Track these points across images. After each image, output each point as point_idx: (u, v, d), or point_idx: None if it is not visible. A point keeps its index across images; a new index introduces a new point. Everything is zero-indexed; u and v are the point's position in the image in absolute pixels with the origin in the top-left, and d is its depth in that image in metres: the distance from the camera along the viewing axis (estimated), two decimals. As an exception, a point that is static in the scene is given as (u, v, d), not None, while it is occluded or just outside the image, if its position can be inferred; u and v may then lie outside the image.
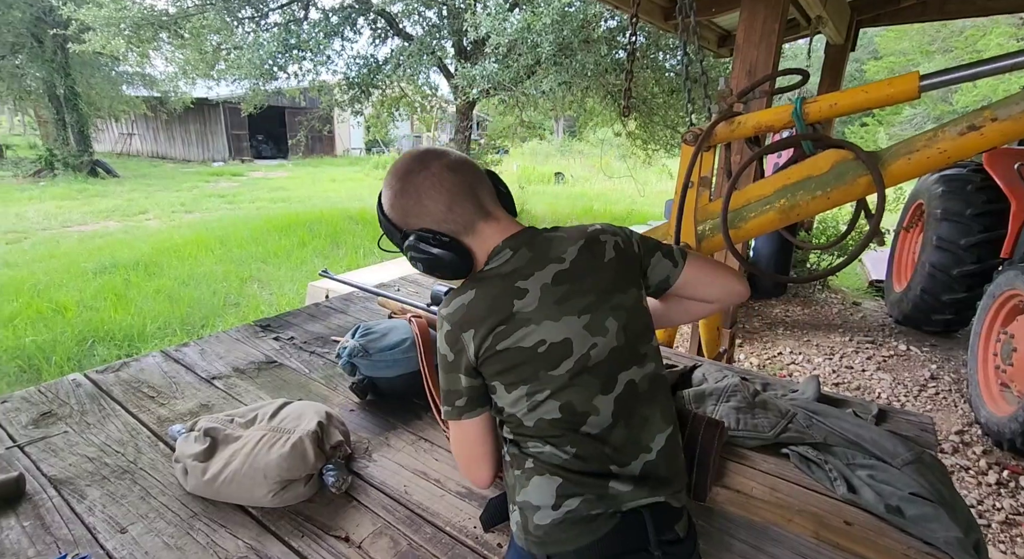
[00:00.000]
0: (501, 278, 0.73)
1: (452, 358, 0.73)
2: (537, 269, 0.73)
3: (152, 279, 4.77)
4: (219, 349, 1.38)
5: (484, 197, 0.78)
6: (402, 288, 1.94)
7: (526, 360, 0.70)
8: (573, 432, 0.70)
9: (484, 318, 0.70)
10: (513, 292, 0.71)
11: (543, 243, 0.77)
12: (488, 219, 0.78)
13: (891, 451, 0.91)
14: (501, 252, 0.76)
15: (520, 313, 0.70)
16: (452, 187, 0.75)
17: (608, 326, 0.73)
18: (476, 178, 0.78)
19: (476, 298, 0.72)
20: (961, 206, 3.48)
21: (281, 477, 0.84)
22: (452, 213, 0.75)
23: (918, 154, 1.13)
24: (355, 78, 7.27)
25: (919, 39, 14.51)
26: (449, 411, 0.75)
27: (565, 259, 0.75)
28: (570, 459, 0.70)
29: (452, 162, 0.76)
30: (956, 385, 3.20)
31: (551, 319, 0.71)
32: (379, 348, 1.16)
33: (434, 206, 0.75)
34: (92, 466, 0.91)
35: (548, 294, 0.72)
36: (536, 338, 0.70)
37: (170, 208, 8.39)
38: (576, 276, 0.74)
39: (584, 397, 0.71)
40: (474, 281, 0.74)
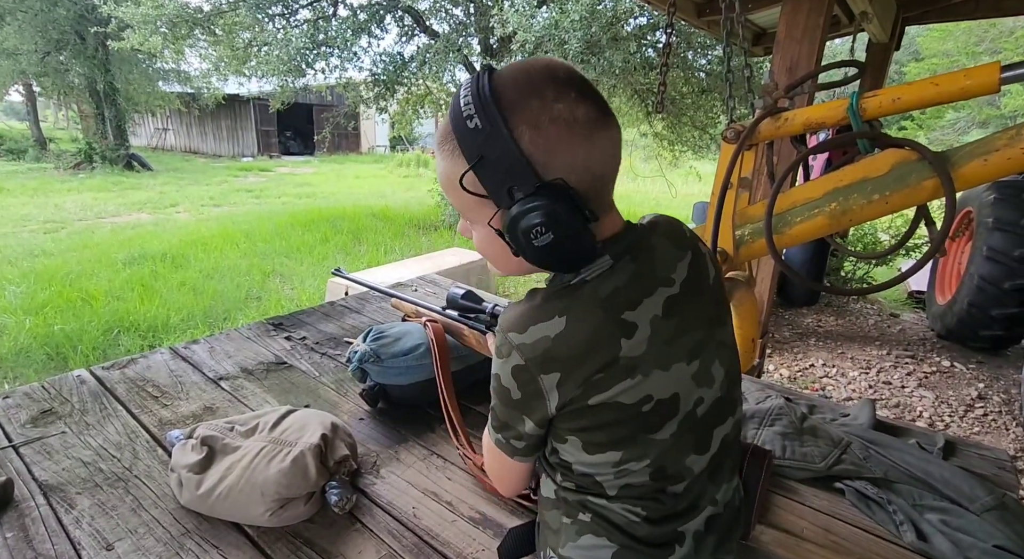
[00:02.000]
0: (600, 304, 0.52)
1: (518, 398, 0.55)
2: (645, 295, 0.54)
3: (178, 271, 4.84)
4: (229, 347, 1.33)
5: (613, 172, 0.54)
6: (419, 288, 1.87)
7: (624, 420, 0.54)
8: (653, 494, 0.58)
9: (579, 361, 0.52)
10: (619, 327, 0.52)
11: (647, 253, 0.56)
12: (610, 206, 0.56)
13: (967, 493, 0.80)
14: (600, 260, 0.54)
15: (626, 358, 0.52)
16: (604, 153, 0.52)
17: (715, 374, 0.58)
18: (617, 159, 0.54)
19: (568, 330, 0.51)
20: (1015, 215, 3.26)
21: (280, 495, 0.77)
22: (593, 181, 0.52)
23: (997, 155, 1.01)
24: (381, 75, 7.28)
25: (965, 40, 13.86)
26: (500, 442, 0.61)
27: (675, 280, 0.56)
28: (639, 523, 0.57)
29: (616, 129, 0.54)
30: (1007, 406, 2.98)
31: (661, 368, 0.53)
32: (391, 353, 1.09)
33: (582, 161, 0.50)
34: (86, 472, 0.86)
35: (659, 332, 0.53)
36: (641, 393, 0.53)
37: (199, 202, 8.57)
38: (686, 305, 0.56)
39: (678, 459, 0.57)
40: (563, 300, 0.53)
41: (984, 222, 3.42)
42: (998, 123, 14.05)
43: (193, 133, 16.80)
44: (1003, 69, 1.00)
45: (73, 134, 15.47)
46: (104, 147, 11.87)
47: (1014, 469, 0.91)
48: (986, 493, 0.80)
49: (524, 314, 0.54)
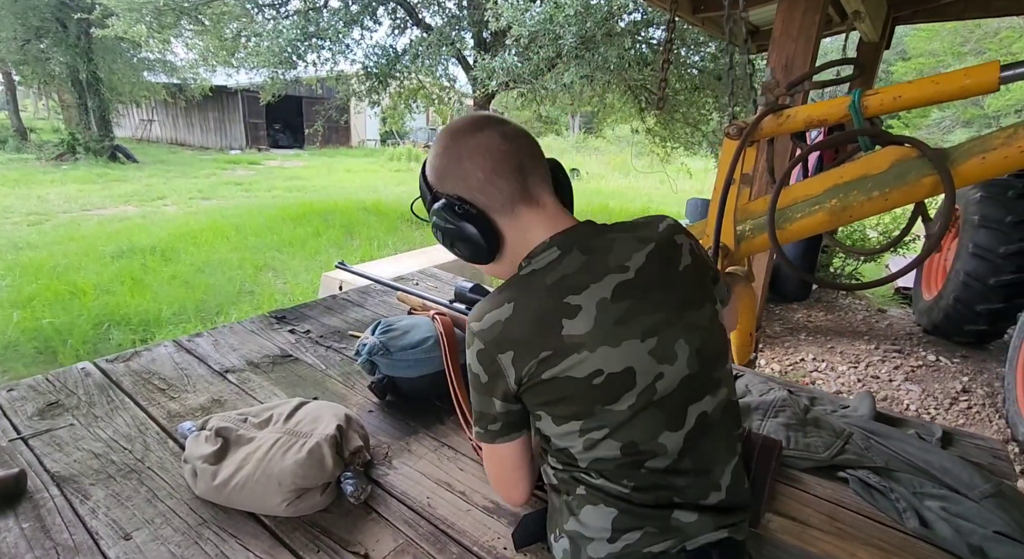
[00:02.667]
0: (547, 290, 0.61)
1: (486, 380, 0.63)
2: (593, 280, 0.61)
3: (169, 264, 4.78)
4: (233, 340, 1.33)
5: (533, 178, 0.67)
6: (420, 282, 1.87)
7: (578, 393, 0.59)
8: (634, 469, 0.61)
9: (526, 341, 0.60)
10: (561, 309, 0.60)
11: (602, 245, 0.64)
12: (531, 203, 0.66)
13: (966, 481, 0.82)
14: (546, 251, 0.64)
15: (570, 337, 0.59)
16: (499, 156, 0.65)
17: (678, 351, 0.62)
18: (530, 155, 0.67)
19: (515, 314, 0.60)
20: (1001, 213, 3.33)
21: (296, 485, 0.78)
22: (490, 185, 0.65)
23: (995, 153, 1.03)
24: (373, 68, 7.21)
25: (951, 40, 14.07)
26: (481, 433, 0.67)
27: (629, 267, 0.62)
28: (629, 492, 0.61)
29: (508, 131, 0.66)
30: (990, 399, 3.07)
31: (609, 345, 0.59)
32: (400, 346, 1.10)
33: (472, 171, 0.65)
34: (98, 463, 0.86)
35: (606, 313, 0.60)
36: (591, 367, 0.59)
37: (187, 194, 8.44)
38: (642, 289, 0.62)
39: (648, 434, 0.61)
40: (512, 289, 0.63)
41: (970, 220, 3.49)
42: (982, 122, 14.30)
43: (179, 125, 16.51)
44: (1003, 69, 1.02)
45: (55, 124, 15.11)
46: (88, 138, 11.62)
47: (1009, 458, 0.95)
48: (984, 481, 0.83)
49: (482, 306, 0.64)
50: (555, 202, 0.69)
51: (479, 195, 0.65)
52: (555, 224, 0.66)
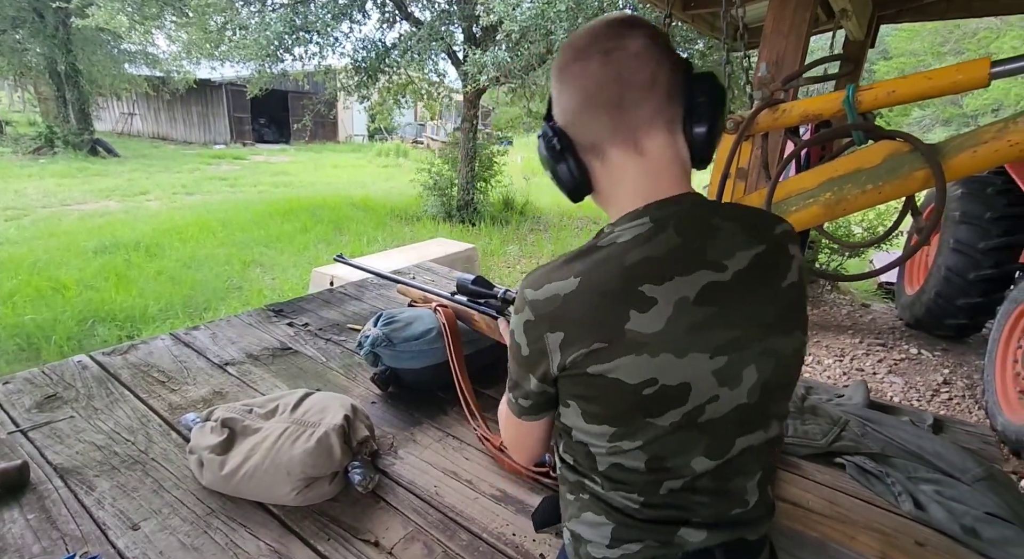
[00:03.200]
0: (623, 271, 0.51)
1: (527, 354, 0.55)
2: (680, 272, 0.51)
3: (154, 260, 4.69)
4: (231, 334, 1.31)
5: (638, 113, 0.53)
6: (417, 276, 1.87)
7: (622, 398, 0.51)
8: (652, 485, 0.55)
9: (582, 325, 0.51)
10: (633, 299, 0.50)
11: (703, 230, 0.53)
12: (626, 147, 0.54)
13: (959, 466, 0.85)
14: (636, 221, 0.53)
15: (633, 333, 0.49)
16: (593, 86, 0.53)
17: (745, 376, 0.53)
18: (642, 84, 0.52)
19: (579, 291, 0.51)
20: (980, 209, 3.42)
21: (306, 474, 0.78)
22: (580, 118, 0.55)
23: (985, 147, 1.06)
24: (362, 62, 7.14)
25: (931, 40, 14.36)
26: (510, 401, 0.61)
27: (727, 267, 0.52)
28: (638, 508, 0.56)
29: (616, 54, 0.52)
30: (970, 391, 3.15)
31: (673, 354, 0.50)
32: (403, 338, 1.10)
33: (568, 102, 0.56)
34: (101, 455, 0.85)
35: (682, 316, 0.50)
36: (645, 374, 0.50)
37: (171, 189, 8.29)
38: (732, 297, 0.52)
39: (680, 455, 0.54)
40: (583, 261, 0.53)
41: (952, 216, 3.58)
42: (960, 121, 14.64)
43: (162, 118, 16.17)
44: (993, 65, 1.05)
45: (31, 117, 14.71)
46: (66, 131, 11.33)
47: (997, 444, 0.98)
48: (976, 465, 0.85)
49: (544, 272, 0.55)
50: (666, 150, 0.55)
51: (571, 128, 0.57)
52: (656, 184, 0.54)
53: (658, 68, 0.53)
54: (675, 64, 0.54)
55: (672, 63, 0.54)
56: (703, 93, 0.55)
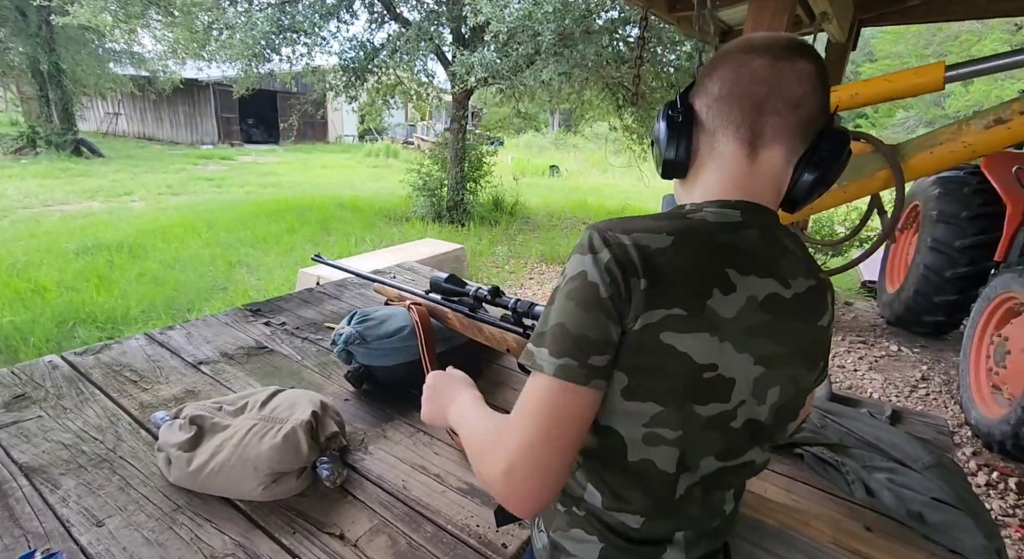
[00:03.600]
0: (714, 247, 0.50)
1: (607, 295, 0.47)
2: (757, 272, 0.51)
3: (137, 261, 4.65)
4: (207, 333, 1.32)
5: (772, 123, 0.53)
6: (398, 275, 1.88)
7: (682, 376, 0.49)
8: (656, 497, 0.54)
9: (670, 284, 0.47)
10: (719, 278, 0.49)
11: (778, 245, 0.54)
12: (744, 146, 0.54)
13: (910, 454, 0.88)
14: (727, 208, 0.53)
15: (712, 312, 0.49)
16: (745, 82, 0.53)
17: (769, 395, 0.54)
18: (789, 100, 0.52)
19: (671, 249, 0.49)
20: (957, 208, 3.49)
21: (272, 469, 0.79)
22: (716, 104, 0.55)
23: (941, 148, 1.10)
24: (350, 62, 7.12)
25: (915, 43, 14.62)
26: (571, 369, 0.47)
27: (791, 286, 0.54)
28: (635, 527, 0.55)
29: (782, 63, 0.52)
30: (946, 387, 3.22)
31: (734, 347, 0.50)
32: (377, 335, 1.11)
33: (712, 86, 0.55)
34: (68, 454, 0.85)
35: (748, 314, 0.50)
36: (711, 358, 0.49)
37: (156, 190, 8.20)
38: (787, 315, 0.53)
39: (701, 451, 0.54)
40: (675, 222, 0.52)
41: (929, 215, 3.65)
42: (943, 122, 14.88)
43: (148, 118, 15.99)
44: (947, 69, 1.08)
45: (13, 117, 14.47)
46: (49, 131, 11.17)
47: (950, 434, 1.01)
48: (926, 453, 0.88)
49: (628, 221, 0.51)
50: (774, 169, 0.54)
51: (703, 110, 0.56)
52: (752, 188, 0.54)
53: (810, 96, 0.53)
54: (824, 104, 0.54)
55: (822, 101, 0.54)
56: (832, 145, 0.54)
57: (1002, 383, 2.52)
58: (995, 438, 2.40)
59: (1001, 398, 2.56)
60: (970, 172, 3.59)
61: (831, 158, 0.54)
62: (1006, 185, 3.20)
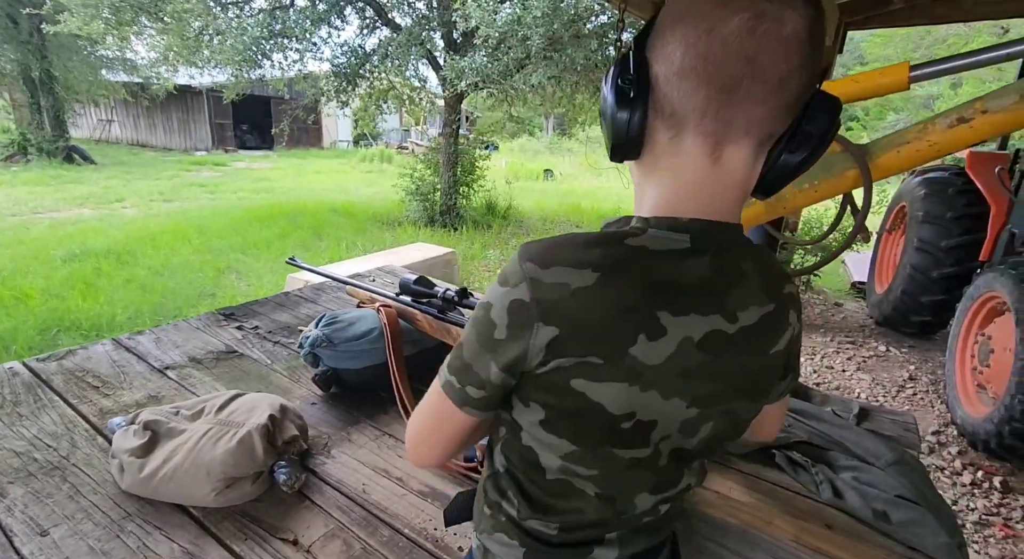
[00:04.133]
0: (647, 287, 0.44)
1: (502, 338, 0.46)
2: (697, 310, 0.45)
3: (124, 268, 4.62)
4: (176, 338, 1.30)
5: (748, 116, 0.43)
6: (377, 278, 1.87)
7: (597, 425, 0.47)
8: (576, 514, 0.53)
9: (583, 330, 0.43)
10: (647, 322, 0.44)
11: (733, 272, 0.47)
12: (705, 145, 0.44)
13: (873, 451, 0.88)
14: (676, 233, 0.45)
15: (633, 360, 0.44)
16: (713, 54, 0.41)
17: (701, 430, 0.50)
18: (778, 86, 0.42)
19: (593, 290, 0.43)
20: (942, 209, 3.51)
21: (226, 474, 0.77)
22: (675, 81, 0.43)
23: (908, 147, 1.10)
24: (342, 67, 7.14)
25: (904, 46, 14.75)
26: (451, 386, 0.50)
27: (738, 320, 0.47)
28: (555, 534, 0.53)
29: (793, 32, 0.41)
30: (933, 386, 3.22)
31: (660, 394, 0.46)
32: (344, 338, 1.10)
33: (674, 50, 0.43)
34: (19, 462, 0.83)
35: (680, 358, 0.45)
36: (628, 408, 0.46)
37: (148, 196, 8.17)
38: (727, 352, 0.47)
39: (628, 489, 0.52)
40: (607, 252, 0.44)
41: (915, 216, 3.67)
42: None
43: (141, 125, 15.96)
44: (911, 68, 1.09)
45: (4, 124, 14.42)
46: (40, 138, 11.13)
47: (917, 430, 1.01)
48: (889, 450, 0.88)
49: (555, 248, 0.45)
50: (742, 170, 0.45)
51: (660, 78, 0.45)
52: (712, 200, 0.46)
53: (797, 70, 0.42)
54: (813, 72, 0.43)
55: (811, 69, 0.43)
56: (820, 118, 0.44)
57: (986, 382, 2.53)
58: (980, 437, 2.40)
59: (986, 397, 2.57)
60: (955, 173, 3.61)
61: (821, 137, 0.45)
62: (990, 186, 3.22)
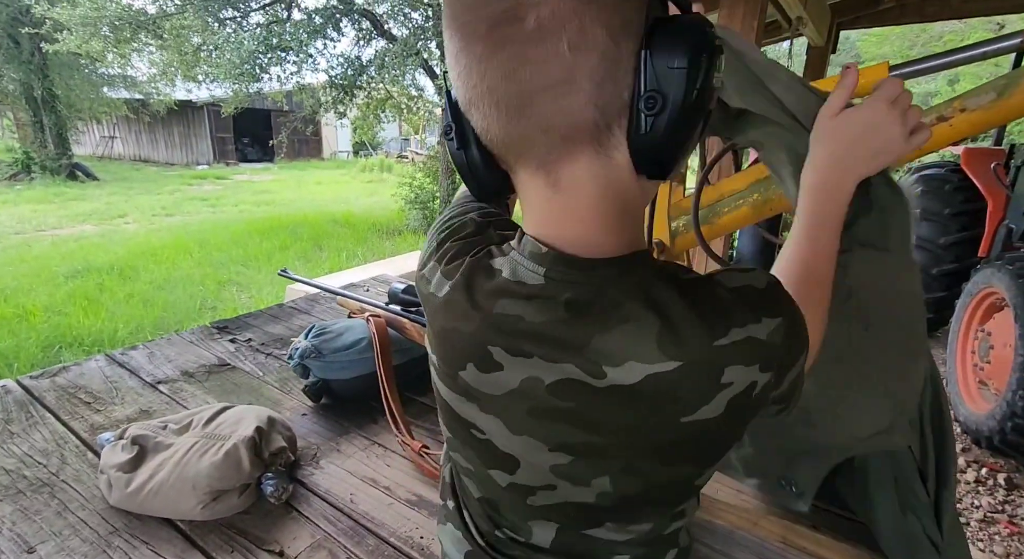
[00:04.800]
0: (483, 319, 0.41)
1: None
2: (543, 355, 0.39)
3: (126, 283, 4.66)
4: (169, 352, 1.31)
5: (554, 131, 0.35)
6: (372, 288, 1.88)
7: (454, 420, 0.47)
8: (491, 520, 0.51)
9: (433, 334, 0.46)
10: (477, 353, 0.42)
11: (603, 316, 0.37)
12: (536, 173, 0.38)
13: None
14: (533, 265, 0.40)
15: (465, 383, 0.44)
16: (485, 79, 0.35)
17: (595, 483, 0.42)
18: (565, 80, 0.33)
19: (441, 306, 0.44)
20: (939, 206, 3.50)
21: (212, 487, 0.78)
22: (470, 107, 0.38)
23: (889, 145, 1.10)
24: (339, 78, 7.20)
25: (899, 44, 14.78)
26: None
27: (605, 376, 0.38)
28: (484, 533, 0.51)
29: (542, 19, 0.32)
30: (937, 384, 3.20)
31: (507, 426, 0.43)
32: (333, 348, 1.10)
33: (455, 75, 0.37)
34: (8, 479, 0.84)
35: (527, 398, 0.41)
36: (473, 419, 0.45)
37: (150, 211, 8.24)
38: (598, 406, 0.39)
39: (515, 516, 0.49)
40: (472, 268, 0.43)
41: (913, 213, 3.66)
42: (931, 122, 14.99)
43: (143, 141, 16.12)
44: (891, 69, 1.09)
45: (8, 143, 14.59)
46: (43, 156, 11.26)
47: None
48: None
49: (457, 243, 0.47)
50: (589, 182, 0.37)
51: (468, 115, 0.39)
52: (568, 228, 0.39)
53: (580, 47, 0.32)
54: (622, 21, 0.33)
55: (610, 20, 0.32)
56: (671, 59, 0.33)
57: (988, 378, 2.51)
58: (983, 434, 2.39)
59: (988, 393, 2.55)
60: (951, 170, 3.61)
61: (687, 78, 0.33)
62: (986, 181, 3.22)
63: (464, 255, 0.45)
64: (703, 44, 0.34)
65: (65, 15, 6.77)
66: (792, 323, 0.39)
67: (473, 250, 0.45)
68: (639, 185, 0.39)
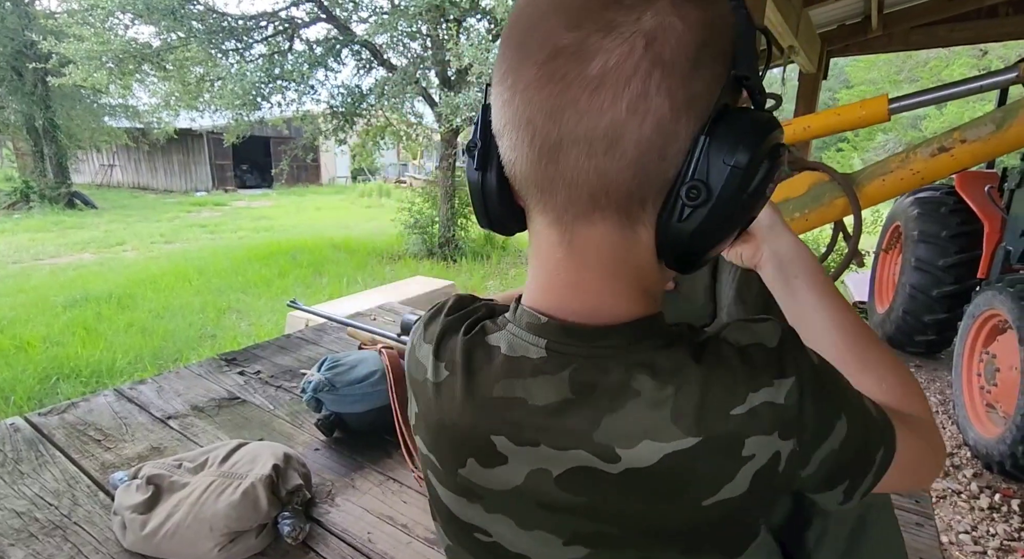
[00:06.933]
0: (481, 405, 0.38)
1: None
2: (549, 442, 0.36)
3: (125, 312, 4.63)
4: (178, 386, 1.30)
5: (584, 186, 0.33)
6: (379, 317, 1.87)
7: (452, 524, 0.44)
8: None
9: (429, 427, 0.42)
10: (477, 446, 0.39)
11: (612, 393, 0.35)
12: (551, 224, 0.36)
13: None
14: (533, 337, 0.37)
15: (465, 481, 0.41)
16: (531, 106, 0.32)
17: None
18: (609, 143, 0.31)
19: (433, 391, 0.41)
20: (936, 228, 3.55)
21: (229, 528, 0.76)
22: (502, 133, 0.35)
23: (892, 175, 1.13)
24: (339, 107, 7.34)
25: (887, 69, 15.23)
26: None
27: (619, 459, 0.35)
28: None
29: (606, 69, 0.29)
30: (943, 407, 3.18)
31: (516, 522, 0.39)
32: (346, 381, 1.10)
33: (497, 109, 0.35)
34: (19, 522, 0.82)
35: (536, 491, 0.38)
36: (477, 522, 0.42)
37: (149, 239, 8.26)
38: (613, 495, 0.36)
39: None
40: (463, 347, 0.40)
41: (911, 235, 3.70)
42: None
43: (142, 169, 16.27)
44: (890, 101, 1.13)
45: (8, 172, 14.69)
46: (43, 185, 11.33)
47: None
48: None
49: (444, 318, 0.43)
50: (607, 250, 0.35)
51: (499, 139, 0.36)
52: (576, 295, 0.36)
53: (638, 111, 0.30)
54: (689, 96, 0.31)
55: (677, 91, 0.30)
56: (718, 165, 0.31)
57: (995, 401, 2.50)
58: (994, 458, 2.36)
59: (996, 416, 2.53)
60: (946, 192, 3.67)
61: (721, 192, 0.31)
62: (981, 204, 3.27)
63: (455, 333, 0.41)
64: (769, 149, 0.32)
65: (71, 50, 6.91)
66: (810, 381, 0.34)
67: (463, 326, 0.41)
68: (659, 268, 0.37)
